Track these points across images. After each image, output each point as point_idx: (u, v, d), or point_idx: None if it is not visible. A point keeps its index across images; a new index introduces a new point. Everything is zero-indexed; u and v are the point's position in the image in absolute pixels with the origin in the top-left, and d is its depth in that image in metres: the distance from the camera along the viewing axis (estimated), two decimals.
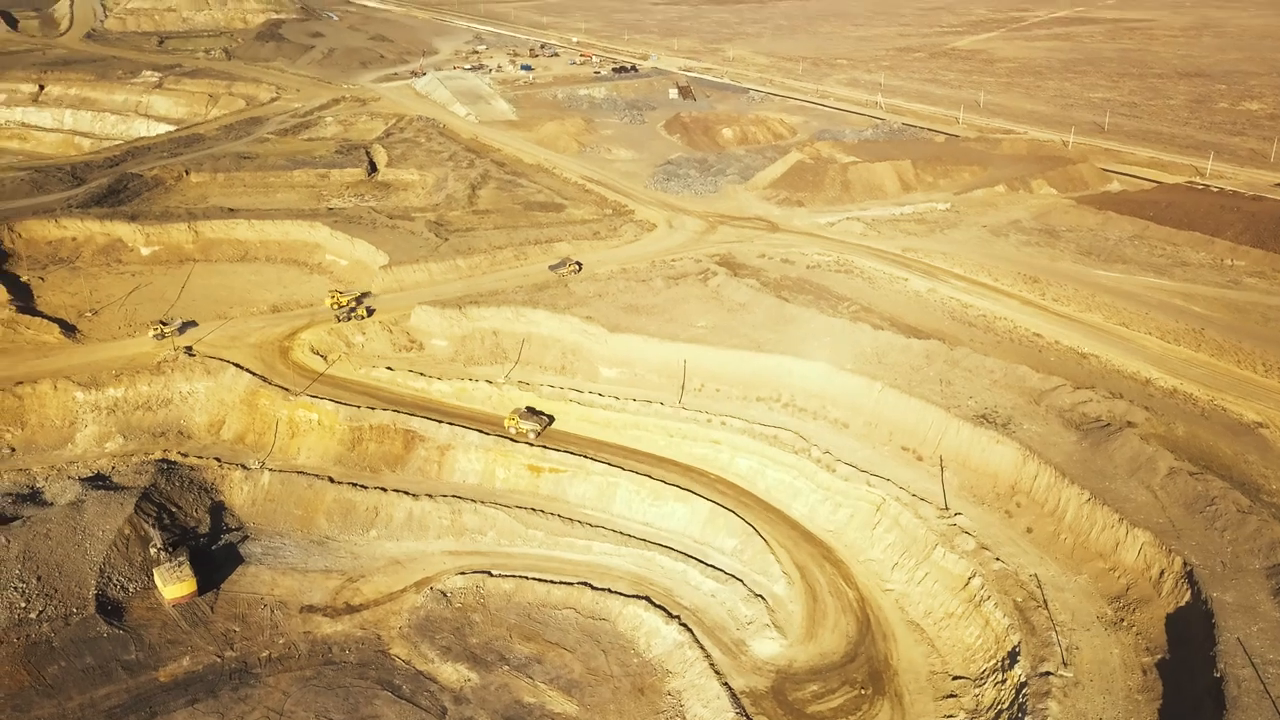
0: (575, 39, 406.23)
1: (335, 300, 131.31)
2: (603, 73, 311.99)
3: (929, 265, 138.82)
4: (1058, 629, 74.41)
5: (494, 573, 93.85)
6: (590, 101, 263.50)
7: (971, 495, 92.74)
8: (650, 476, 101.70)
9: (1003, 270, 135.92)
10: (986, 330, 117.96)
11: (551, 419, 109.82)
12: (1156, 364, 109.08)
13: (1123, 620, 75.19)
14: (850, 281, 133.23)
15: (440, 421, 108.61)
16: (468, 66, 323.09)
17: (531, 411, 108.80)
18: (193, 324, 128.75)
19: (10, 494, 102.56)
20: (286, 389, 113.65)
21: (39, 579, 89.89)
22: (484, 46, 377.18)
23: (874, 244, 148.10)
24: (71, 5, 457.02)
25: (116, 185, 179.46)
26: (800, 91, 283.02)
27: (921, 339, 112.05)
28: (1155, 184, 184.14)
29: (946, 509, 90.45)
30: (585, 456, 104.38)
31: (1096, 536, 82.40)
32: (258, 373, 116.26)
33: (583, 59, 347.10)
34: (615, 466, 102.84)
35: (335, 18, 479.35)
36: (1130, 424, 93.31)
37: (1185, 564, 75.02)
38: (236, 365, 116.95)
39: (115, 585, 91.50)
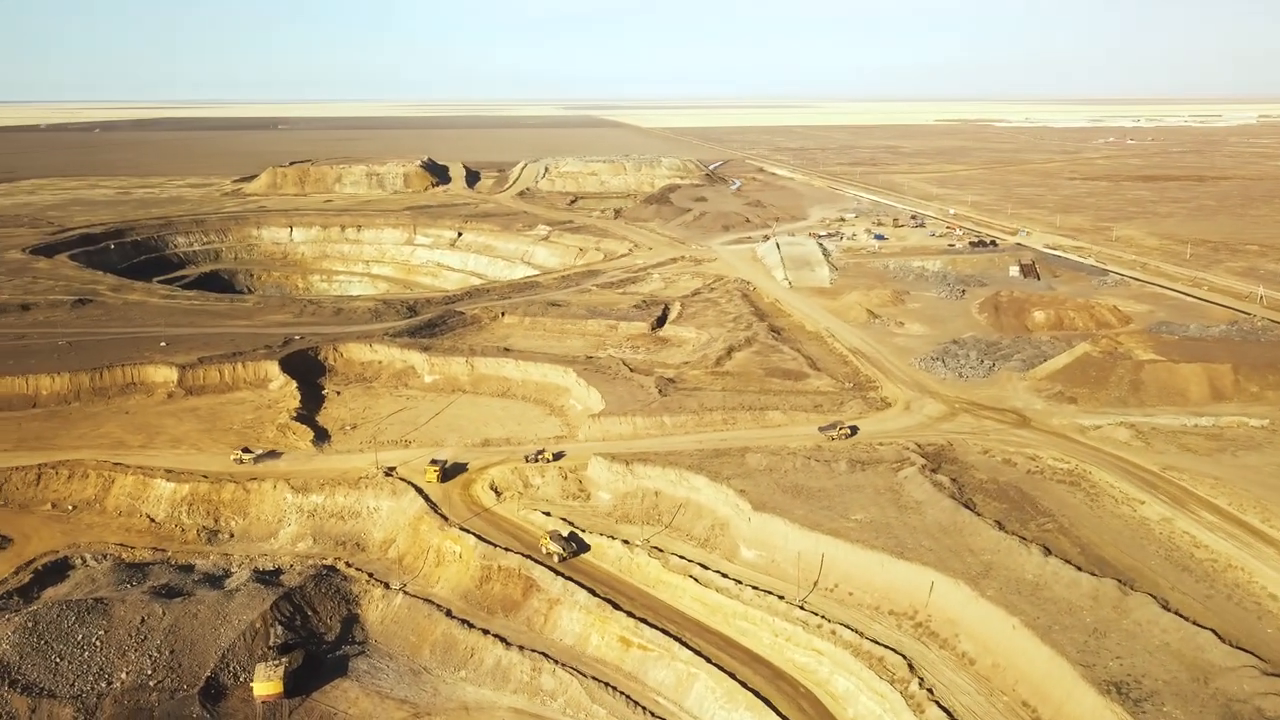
0: (952, 210, 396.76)
1: (435, 473, 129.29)
2: (957, 245, 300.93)
3: (1184, 490, 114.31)
4: None
5: None
6: (919, 274, 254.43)
7: None
8: (734, 676, 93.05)
9: None
10: (1202, 579, 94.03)
11: (584, 549, 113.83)
12: None
13: None
14: (1067, 496, 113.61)
15: (557, 574, 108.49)
16: (823, 234, 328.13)
17: (570, 538, 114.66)
18: (275, 454, 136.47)
19: (204, 574, 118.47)
20: (445, 518, 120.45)
21: (172, 652, 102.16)
22: (852, 214, 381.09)
23: (1131, 456, 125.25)
24: (523, 168, 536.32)
25: (437, 320, 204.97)
26: (1172, 278, 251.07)
27: (1096, 576, 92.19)
28: None
29: None
30: (677, 639, 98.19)
31: None
32: (432, 499, 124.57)
33: (947, 230, 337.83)
34: (701, 656, 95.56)
35: (737, 185, 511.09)
36: None
37: None
38: (416, 489, 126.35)
39: (228, 672, 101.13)
